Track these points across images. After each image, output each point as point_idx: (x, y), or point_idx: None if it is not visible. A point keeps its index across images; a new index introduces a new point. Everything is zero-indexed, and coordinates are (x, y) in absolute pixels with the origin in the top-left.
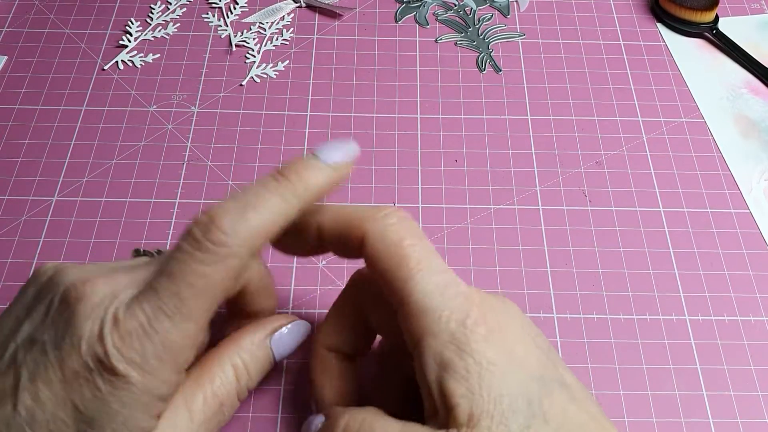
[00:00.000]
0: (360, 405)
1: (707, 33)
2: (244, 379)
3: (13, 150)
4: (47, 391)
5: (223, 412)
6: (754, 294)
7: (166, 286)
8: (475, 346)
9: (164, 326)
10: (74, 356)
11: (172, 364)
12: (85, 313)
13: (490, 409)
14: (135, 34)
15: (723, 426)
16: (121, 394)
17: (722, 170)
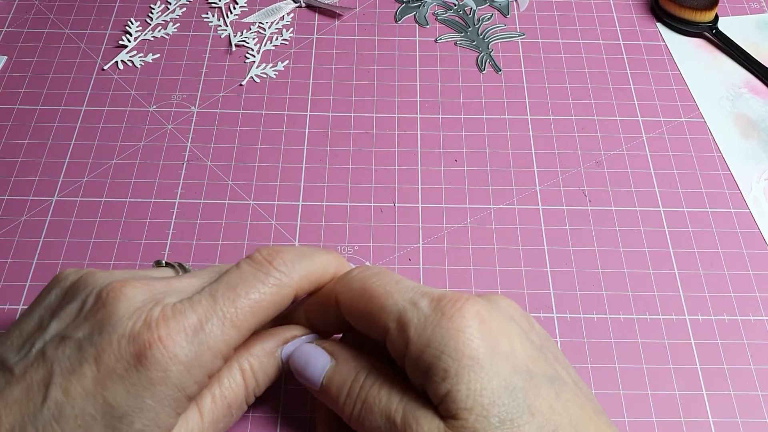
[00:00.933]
0: None
1: (707, 33)
2: (252, 384)
3: (13, 150)
4: (79, 386)
5: (231, 414)
6: (754, 294)
7: (226, 295)
8: (453, 344)
9: (214, 330)
10: (112, 352)
11: (208, 368)
12: (125, 311)
13: (468, 404)
14: (135, 34)
15: (723, 425)
16: (156, 389)
17: (722, 170)
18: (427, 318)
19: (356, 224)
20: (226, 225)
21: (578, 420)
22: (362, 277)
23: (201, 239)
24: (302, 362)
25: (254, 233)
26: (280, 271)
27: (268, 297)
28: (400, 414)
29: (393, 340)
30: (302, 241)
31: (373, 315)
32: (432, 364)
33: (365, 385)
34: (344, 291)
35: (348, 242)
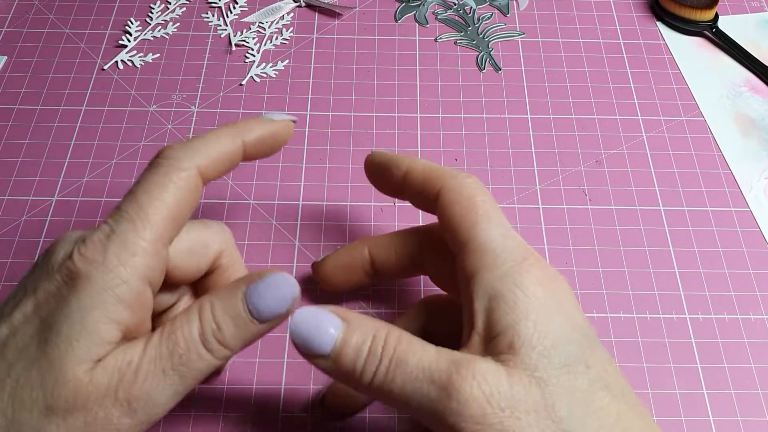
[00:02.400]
0: None
1: (707, 31)
2: (209, 326)
3: (13, 150)
4: (20, 316)
5: (179, 355)
6: (755, 292)
7: (127, 199)
8: (528, 283)
9: (123, 228)
10: (48, 278)
11: (133, 267)
12: (60, 246)
13: (533, 341)
14: (134, 33)
15: (723, 424)
16: (81, 294)
17: (722, 169)
18: (511, 254)
19: (356, 224)
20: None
21: (624, 386)
22: (474, 188)
23: None
24: (305, 327)
25: (254, 233)
26: (173, 159)
27: (168, 185)
28: (444, 360)
29: (469, 256)
30: (302, 240)
31: (463, 225)
32: (502, 292)
33: (390, 340)
34: (452, 190)
35: (348, 241)
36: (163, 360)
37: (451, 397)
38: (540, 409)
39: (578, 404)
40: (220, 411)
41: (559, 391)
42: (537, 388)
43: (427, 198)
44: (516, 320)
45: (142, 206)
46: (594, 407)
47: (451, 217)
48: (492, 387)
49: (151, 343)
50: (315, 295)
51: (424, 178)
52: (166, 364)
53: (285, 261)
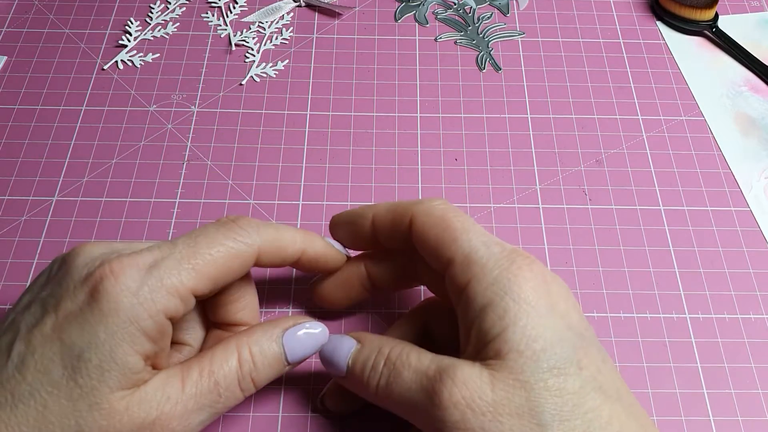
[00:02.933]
0: None
1: (707, 31)
2: (248, 366)
3: (13, 150)
4: (39, 335)
5: (219, 394)
6: (754, 292)
7: (186, 242)
8: (516, 289)
9: (169, 266)
10: (68, 297)
11: (162, 304)
12: (83, 260)
13: (521, 347)
14: (134, 33)
15: (723, 424)
16: (108, 321)
17: (722, 168)
18: (497, 261)
19: None
20: None
21: (620, 387)
22: (444, 208)
23: None
24: (330, 348)
25: None
26: (244, 230)
27: (229, 250)
28: (432, 368)
29: (456, 271)
30: None
31: (444, 243)
32: (492, 301)
33: (391, 355)
34: (422, 214)
35: None
36: (203, 398)
37: (434, 404)
38: (524, 412)
39: (567, 406)
40: None
41: (546, 394)
42: (522, 392)
43: (400, 232)
44: (504, 327)
45: (196, 253)
46: (584, 409)
47: (428, 240)
48: (473, 392)
49: (190, 380)
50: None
51: (392, 215)
52: (205, 402)
53: None
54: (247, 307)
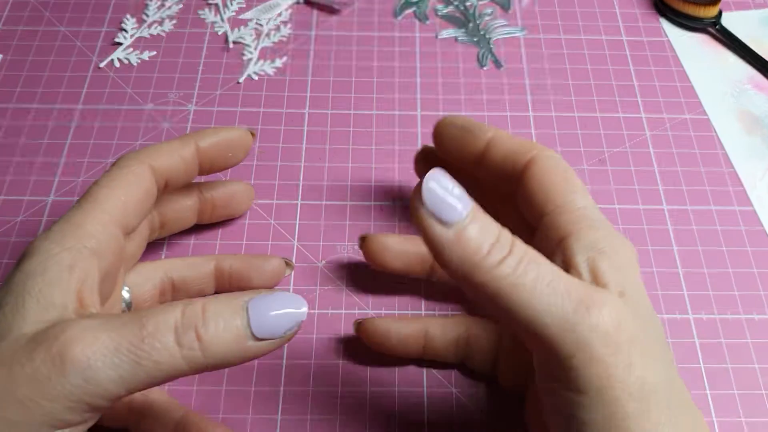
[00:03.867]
0: None
1: (710, 28)
2: (193, 317)
3: (8, 149)
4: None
5: (141, 336)
6: (758, 292)
7: (82, 196)
8: (623, 252)
9: (73, 213)
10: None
11: (77, 238)
12: None
13: (639, 295)
14: (131, 31)
15: (726, 425)
16: (24, 266)
17: (726, 167)
18: (607, 225)
19: (356, 223)
20: (224, 224)
21: None
22: (567, 166)
23: (198, 239)
24: (441, 190)
25: (253, 232)
26: (121, 159)
27: (115, 176)
28: (580, 284)
29: (566, 218)
30: (301, 240)
31: (558, 190)
32: (606, 250)
33: (518, 241)
34: (547, 157)
35: (348, 241)
36: (116, 332)
37: (589, 314)
38: (657, 357)
39: (673, 370)
40: (218, 413)
41: (662, 350)
42: (652, 332)
43: (512, 168)
44: (624, 275)
45: (93, 195)
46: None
47: (545, 183)
48: (621, 317)
49: (116, 318)
50: (314, 297)
51: (516, 146)
52: (121, 341)
53: None
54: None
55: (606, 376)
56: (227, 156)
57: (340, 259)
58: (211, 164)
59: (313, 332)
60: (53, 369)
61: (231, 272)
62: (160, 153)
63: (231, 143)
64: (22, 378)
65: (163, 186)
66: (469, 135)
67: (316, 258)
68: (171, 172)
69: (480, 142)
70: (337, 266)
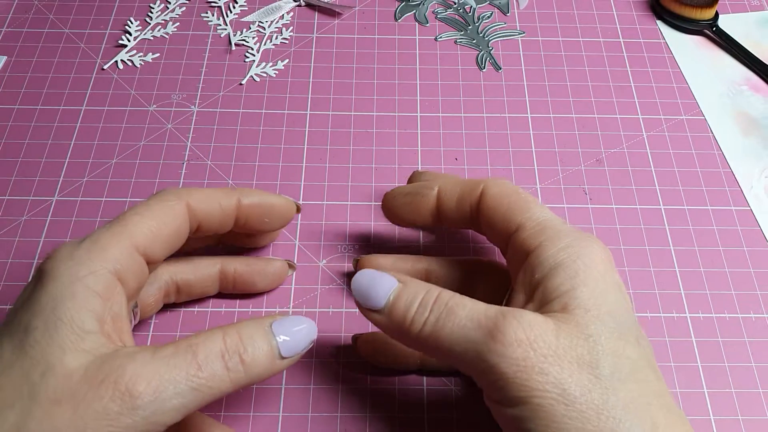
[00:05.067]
0: None
1: (707, 30)
2: (234, 344)
3: (13, 150)
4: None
5: (198, 366)
6: (755, 291)
7: (116, 217)
8: (589, 255)
9: (100, 233)
10: (23, 290)
11: (102, 260)
12: None
13: (589, 305)
14: (134, 33)
15: (724, 423)
16: (48, 287)
17: (722, 167)
18: (570, 231)
19: (356, 223)
20: None
21: (659, 374)
22: (514, 186)
23: None
24: (365, 282)
25: None
26: (167, 191)
27: (157, 205)
28: (493, 311)
29: (527, 235)
30: (302, 240)
31: (516, 210)
32: (564, 262)
33: (443, 296)
34: (496, 185)
35: (348, 241)
36: (178, 366)
37: (495, 339)
38: (584, 363)
39: (625, 369)
40: (220, 411)
41: (607, 352)
42: (585, 344)
43: (468, 205)
44: (574, 286)
45: (124, 219)
46: (639, 377)
47: (500, 207)
48: (537, 334)
49: (162, 350)
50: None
51: (461, 188)
52: (181, 372)
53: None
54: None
55: (525, 389)
56: (263, 220)
57: (341, 259)
58: (246, 221)
59: None
60: (123, 405)
61: (235, 275)
62: (201, 196)
63: (273, 208)
64: (90, 415)
65: (195, 228)
66: (416, 198)
67: (317, 258)
68: (207, 216)
69: (429, 200)
70: (338, 266)
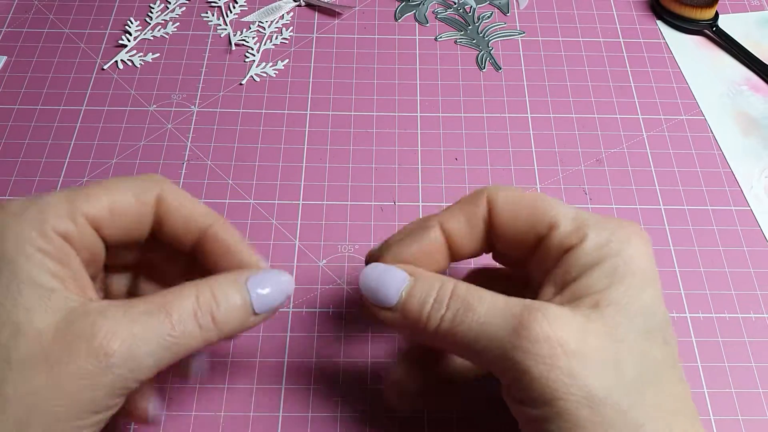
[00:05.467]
0: None
1: (707, 30)
2: (207, 302)
3: (13, 150)
4: None
5: (171, 324)
6: (755, 291)
7: (87, 184)
8: (628, 251)
9: (57, 193)
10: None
11: (51, 222)
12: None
13: (621, 303)
14: (134, 33)
15: (724, 423)
16: (3, 247)
17: (722, 167)
18: (609, 225)
19: (357, 223)
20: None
21: (681, 375)
22: (519, 189)
23: None
24: (374, 276)
25: (254, 232)
26: (148, 176)
27: (124, 183)
28: (517, 305)
29: (564, 232)
30: (302, 240)
31: (540, 213)
32: (603, 260)
33: (458, 290)
34: (503, 192)
35: (348, 241)
36: (150, 324)
37: (520, 335)
38: (609, 364)
39: (649, 373)
40: (220, 410)
41: (635, 354)
42: (612, 345)
43: (479, 226)
44: (609, 284)
45: (88, 184)
46: (663, 379)
47: (521, 212)
48: (565, 332)
49: (134, 308)
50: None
51: (462, 212)
52: (153, 330)
53: (285, 260)
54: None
55: (550, 390)
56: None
57: (341, 259)
58: (203, 250)
59: (314, 331)
60: (98, 364)
61: None
62: (182, 198)
63: (233, 258)
64: (65, 375)
65: (158, 227)
66: (420, 242)
67: (317, 258)
68: (170, 215)
69: (436, 240)
70: (338, 265)
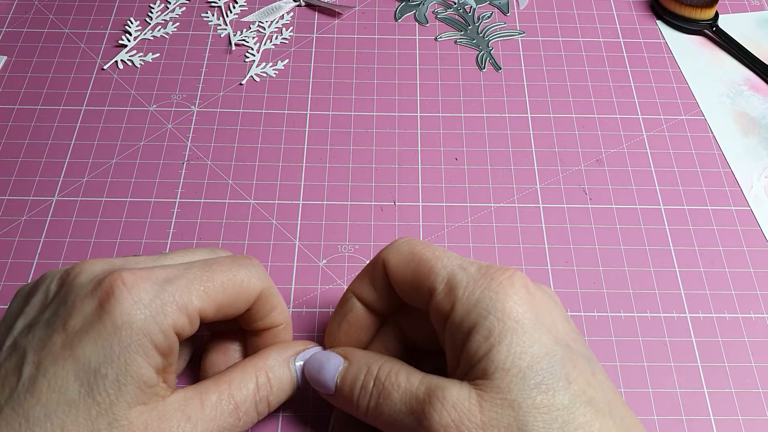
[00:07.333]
0: None
1: (707, 30)
2: (265, 390)
3: (13, 150)
4: (49, 355)
5: (238, 417)
6: (755, 291)
7: (199, 266)
8: (500, 306)
9: (182, 285)
10: (76, 312)
11: (173, 319)
12: (86, 277)
13: (507, 365)
14: (134, 33)
15: (724, 423)
16: (122, 334)
17: (722, 167)
18: (476, 281)
19: (356, 223)
20: (226, 224)
21: (611, 399)
22: (410, 243)
23: (201, 239)
24: (316, 366)
25: (254, 232)
26: (255, 267)
27: (241, 280)
28: (422, 390)
29: (439, 301)
30: (303, 240)
31: (421, 276)
32: (477, 323)
33: (380, 374)
34: (393, 255)
35: (348, 241)
36: (223, 421)
37: (423, 427)
38: (513, 430)
39: (556, 423)
40: None
41: (534, 412)
42: (510, 411)
43: (385, 288)
44: (490, 347)
45: (211, 277)
46: (574, 425)
47: (407, 278)
48: (462, 414)
49: (209, 402)
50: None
51: (369, 278)
52: (225, 425)
53: (285, 260)
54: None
55: None
56: None
57: (341, 259)
58: None
59: (314, 331)
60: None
61: None
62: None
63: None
64: None
65: None
66: (348, 320)
67: (317, 258)
68: (258, 306)
69: (360, 313)
70: (338, 266)
